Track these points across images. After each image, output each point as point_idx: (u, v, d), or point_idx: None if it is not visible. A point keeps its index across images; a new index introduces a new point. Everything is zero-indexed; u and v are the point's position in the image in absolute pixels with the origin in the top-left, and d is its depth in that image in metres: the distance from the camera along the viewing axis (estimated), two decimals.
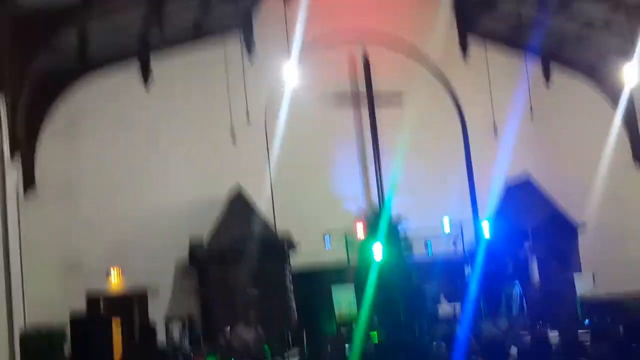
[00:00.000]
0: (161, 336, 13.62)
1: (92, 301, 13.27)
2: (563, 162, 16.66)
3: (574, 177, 16.43)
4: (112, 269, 13.72)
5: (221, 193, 14.42)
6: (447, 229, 14.81)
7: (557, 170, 16.40)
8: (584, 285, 12.59)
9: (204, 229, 13.99)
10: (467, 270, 13.30)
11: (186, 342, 11.77)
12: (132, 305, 14.54)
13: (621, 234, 16.06)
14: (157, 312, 13.88)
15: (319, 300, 12.53)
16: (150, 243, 13.98)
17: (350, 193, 15.91)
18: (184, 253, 14.07)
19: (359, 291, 12.40)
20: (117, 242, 13.91)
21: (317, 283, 13.05)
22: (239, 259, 13.22)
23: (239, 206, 13.92)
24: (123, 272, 13.77)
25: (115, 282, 13.65)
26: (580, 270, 14.05)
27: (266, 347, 10.60)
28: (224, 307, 12.96)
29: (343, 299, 11.64)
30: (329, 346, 10.45)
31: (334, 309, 11.68)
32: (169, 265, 14.15)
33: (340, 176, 15.87)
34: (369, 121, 16.22)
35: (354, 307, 11.35)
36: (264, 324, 12.06)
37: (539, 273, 13.83)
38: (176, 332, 13.71)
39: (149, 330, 13.42)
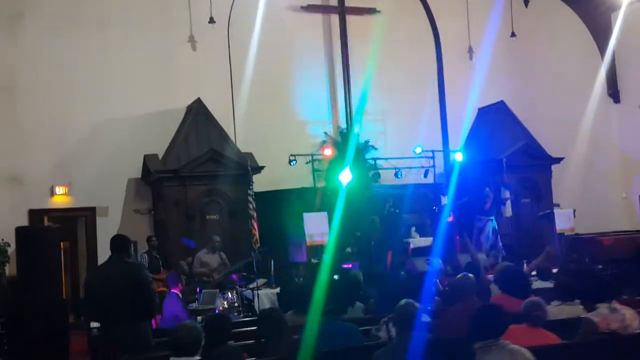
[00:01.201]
0: None
1: (35, 219, 12.03)
2: (539, 92, 16.00)
3: (548, 109, 15.85)
4: (56, 187, 12.44)
5: (179, 106, 13.23)
6: (418, 156, 13.99)
7: (531, 100, 15.74)
8: (563, 222, 12.06)
9: (160, 144, 12.83)
10: (440, 202, 12.55)
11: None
12: (77, 224, 13.43)
13: (593, 171, 15.67)
14: (106, 234, 12.73)
15: (287, 227, 11.60)
16: (99, 159, 12.74)
17: (317, 116, 14.87)
18: (137, 170, 12.89)
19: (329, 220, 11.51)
20: (63, 156, 12.61)
21: (283, 209, 12.09)
22: (197, 177, 12.15)
23: (199, 121, 12.72)
24: (69, 190, 12.52)
25: (60, 199, 12.40)
26: (553, 207, 13.56)
27: (232, 275, 9.69)
28: (182, 230, 11.95)
29: (314, 227, 10.74)
30: (297, 277, 9.61)
31: (304, 237, 10.77)
32: (120, 183, 12.96)
33: (307, 97, 14.76)
34: (339, 41, 15.04)
35: (326, 236, 10.47)
36: (227, 251, 11.19)
37: (513, 207, 13.24)
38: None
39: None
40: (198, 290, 9.21)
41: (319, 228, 10.74)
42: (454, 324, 5.01)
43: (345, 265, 9.99)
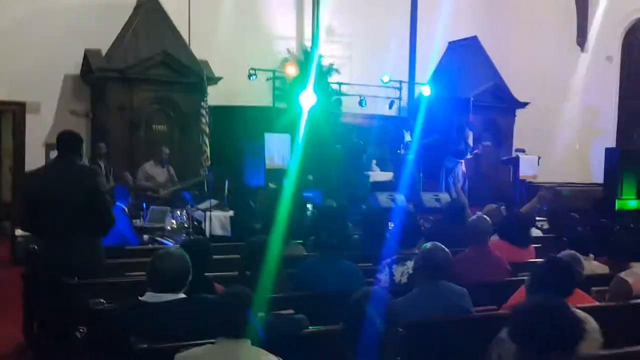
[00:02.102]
0: (39, 164, 11.33)
1: None
2: (510, 31, 15.29)
3: (517, 51, 15.21)
4: None
5: None
6: (385, 86, 13.14)
7: (502, 39, 15.03)
8: (527, 169, 11.58)
9: (104, 40, 11.42)
10: (404, 137, 11.80)
11: None
12: (2, 120, 11.99)
13: (555, 119, 15.26)
14: (36, 136, 11.42)
15: (243, 147, 10.61)
16: (33, 49, 11.19)
17: (280, 31, 13.68)
18: (76, 67, 11.49)
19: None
20: None
21: (239, 127, 11.07)
22: (146, 81, 10.91)
23: (151, 17, 11.34)
24: None
25: None
26: (515, 151, 13.07)
27: (184, 194, 8.70)
28: (124, 139, 10.78)
29: (276, 149, 9.80)
30: (252, 201, 8.73)
31: (264, 159, 9.83)
32: (55, 78, 11.53)
33: (272, 8, 13.53)
34: None
35: (287, 160, 9.58)
36: (174, 166, 10.15)
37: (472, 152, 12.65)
38: None
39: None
40: (144, 206, 8.20)
41: (280, 151, 9.81)
42: (471, 272, 4.31)
43: (306, 193, 9.16)
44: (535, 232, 6.80)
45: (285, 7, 13.76)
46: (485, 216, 4.89)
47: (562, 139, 15.03)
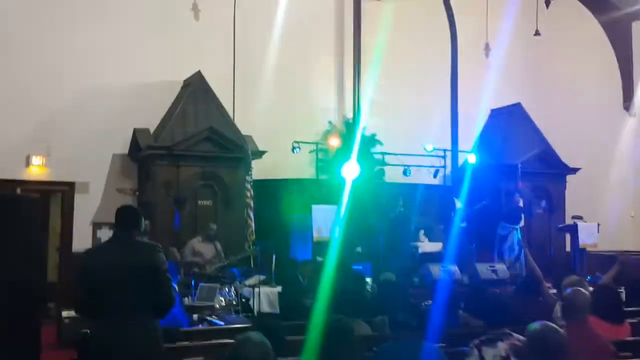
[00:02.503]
0: (86, 243, 11.39)
1: (6, 191, 10.73)
2: (554, 97, 15.12)
3: (563, 116, 14.99)
4: (33, 156, 11.16)
5: (175, 78, 12.04)
6: (428, 154, 13.01)
7: (546, 105, 14.85)
8: (586, 237, 11.15)
9: (152, 119, 11.64)
10: (454, 204, 11.55)
11: None
12: (51, 200, 12.14)
13: (605, 185, 14.83)
14: (84, 214, 11.54)
15: (289, 220, 10.49)
16: (83, 129, 11.45)
17: (322, 103, 13.78)
18: (124, 146, 11.68)
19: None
20: (42, 124, 11.29)
21: (283, 200, 10.99)
22: (192, 158, 10.99)
23: (198, 96, 11.55)
24: (47, 161, 11.24)
25: (36, 170, 11.13)
26: (573, 219, 12.64)
27: (233, 270, 8.56)
28: (170, 216, 10.78)
29: (323, 221, 9.65)
30: (300, 275, 8.51)
31: (311, 231, 9.68)
32: (104, 158, 11.70)
33: (314, 82, 13.67)
34: (352, 25, 13.96)
35: (334, 232, 9.40)
36: (222, 240, 10.07)
37: (525, 217, 12.30)
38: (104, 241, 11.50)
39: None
40: (192, 283, 8.06)
41: (327, 223, 9.65)
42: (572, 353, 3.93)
43: (355, 267, 8.93)
44: None
45: (325, 79, 13.90)
46: (581, 289, 4.49)
47: (615, 206, 14.56)
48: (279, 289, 8.61)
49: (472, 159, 13.00)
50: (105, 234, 11.61)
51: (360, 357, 3.41)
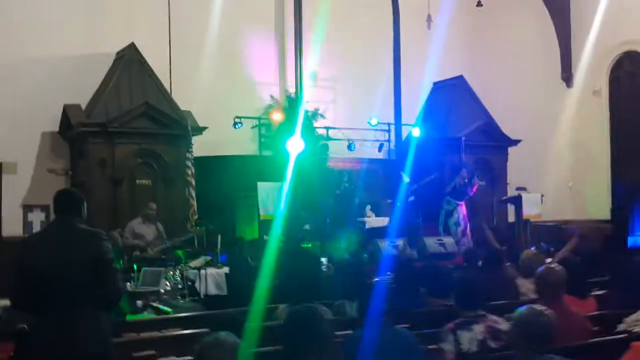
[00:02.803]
0: (16, 228, 10.74)
1: None
2: (495, 69, 15.15)
3: (503, 88, 15.04)
4: None
5: (106, 51, 11.37)
6: (373, 129, 12.83)
7: (488, 77, 14.87)
8: (530, 207, 11.21)
9: (83, 95, 10.98)
10: (402, 179, 11.39)
11: None
12: None
13: (544, 156, 14.99)
14: (13, 196, 10.83)
15: (234, 199, 10.11)
16: (8, 106, 10.69)
17: (262, 78, 13.34)
18: (54, 124, 10.98)
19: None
20: None
21: (227, 178, 10.59)
22: (128, 135, 10.43)
23: (131, 68, 10.94)
24: None
25: None
26: (508, 191, 12.75)
27: (179, 252, 8.14)
28: (106, 196, 10.23)
29: (269, 199, 9.32)
30: (248, 255, 8.20)
31: (257, 210, 9.33)
32: (32, 136, 11.00)
33: (254, 55, 13.20)
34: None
35: (280, 209, 9.08)
36: (162, 221, 9.62)
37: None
38: (37, 224, 10.88)
39: None
40: (134, 267, 7.61)
41: (275, 200, 9.32)
42: None
43: (305, 245, 8.67)
44: None
45: (266, 52, 13.45)
46: (555, 265, 4.30)
47: (554, 177, 14.76)
48: (225, 270, 8.27)
49: (416, 132, 12.89)
50: (37, 217, 10.99)
51: (332, 347, 3.08)
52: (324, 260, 6.68)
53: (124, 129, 10.33)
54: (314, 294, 4.19)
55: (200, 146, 11.21)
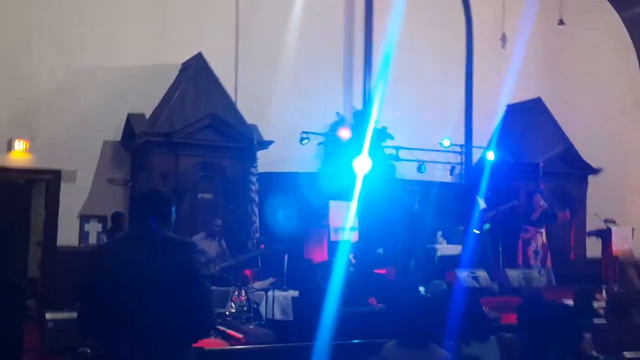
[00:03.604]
0: (72, 237, 10.38)
1: None
2: (573, 93, 14.26)
3: (583, 113, 14.15)
4: (16, 140, 10.08)
5: (172, 61, 11.03)
6: (445, 150, 12.12)
7: (566, 101, 13.98)
8: (619, 242, 10.28)
9: (147, 105, 10.63)
10: (478, 204, 10.64)
11: None
12: (34, 190, 11.08)
13: (627, 186, 13.99)
14: (70, 206, 10.48)
15: (303, 216, 9.52)
16: (72, 114, 10.41)
17: (329, 93, 12.80)
18: (117, 133, 10.64)
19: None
20: (27, 106, 10.21)
21: (291, 195, 10.03)
22: (193, 146, 9.99)
23: (198, 80, 10.53)
24: (31, 146, 10.17)
25: (19, 156, 10.05)
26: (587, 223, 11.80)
27: (245, 271, 7.57)
28: None
29: (341, 219, 8.69)
30: (319, 276, 7.55)
31: (328, 230, 8.72)
32: (94, 145, 10.64)
33: (321, 70, 12.69)
34: (362, 12, 12.99)
35: (352, 230, 8.44)
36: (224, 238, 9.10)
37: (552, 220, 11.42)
38: (93, 235, 10.51)
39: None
40: None
41: (346, 221, 8.68)
42: None
43: (378, 271, 7.99)
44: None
45: (334, 67, 12.93)
46: None
47: (635, 207, 13.74)
48: (292, 293, 7.64)
49: (490, 156, 12.15)
50: (93, 228, 10.63)
51: None
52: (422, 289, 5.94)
53: (189, 140, 9.90)
54: (432, 333, 3.52)
55: (263, 162, 10.71)
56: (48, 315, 7.46)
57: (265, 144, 10.49)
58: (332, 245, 8.60)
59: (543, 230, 10.64)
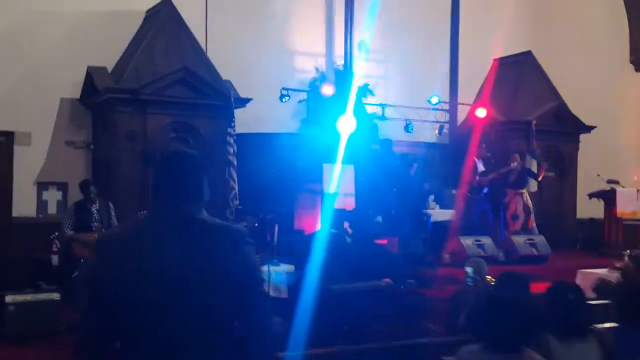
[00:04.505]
0: (29, 207, 9.30)
1: None
2: (562, 46, 13.51)
3: (570, 69, 13.44)
4: None
5: (135, 7, 9.87)
6: (434, 108, 11.33)
7: (555, 55, 13.24)
8: (624, 204, 9.71)
9: (109, 57, 9.49)
10: (477, 167, 9.92)
11: (68, 223, 7.25)
12: None
13: (612, 146, 13.42)
14: (26, 171, 9.35)
15: (285, 183, 8.63)
16: (22, 70, 9.22)
17: (308, 47, 11.80)
18: (75, 89, 9.49)
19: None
20: None
21: (272, 158, 9.13)
22: (164, 105, 8.95)
23: (168, 29, 9.42)
24: None
25: None
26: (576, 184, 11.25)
27: None
28: (134, 174, 8.76)
29: (334, 183, 7.83)
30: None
31: (322, 196, 7.85)
32: (49, 103, 9.49)
33: (299, 22, 11.66)
34: None
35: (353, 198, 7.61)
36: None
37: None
38: (53, 204, 9.45)
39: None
40: None
41: (343, 187, 7.82)
42: None
43: (380, 241, 7.21)
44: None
45: (312, 21, 11.91)
46: None
47: (620, 167, 13.21)
48: (285, 267, 6.81)
49: (481, 113, 11.40)
50: (53, 196, 9.57)
51: None
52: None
53: (158, 97, 8.84)
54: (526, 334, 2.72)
55: (238, 122, 9.73)
56: (8, 298, 6.51)
57: (242, 102, 9.51)
58: (325, 213, 7.75)
59: (524, 191, 9.98)
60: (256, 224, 7.17)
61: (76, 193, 9.52)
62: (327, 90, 10.70)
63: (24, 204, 9.32)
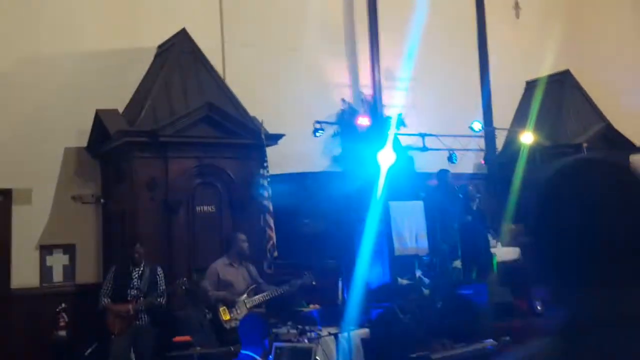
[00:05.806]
0: (30, 275, 8.01)
1: None
2: (599, 63, 12.58)
3: (611, 87, 12.50)
4: None
5: (145, 45, 8.79)
6: (476, 136, 10.31)
7: (593, 73, 12.31)
8: None
9: (118, 99, 8.34)
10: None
11: (106, 290, 6.05)
12: None
13: None
14: (26, 234, 8.08)
15: (337, 227, 7.43)
16: (21, 116, 8.05)
17: (332, 77, 10.75)
18: (80, 136, 8.31)
19: None
20: None
21: (309, 199, 7.97)
22: (187, 147, 7.79)
23: (184, 63, 8.32)
24: None
25: None
26: None
27: (304, 306, 5.45)
28: (157, 229, 7.53)
29: (405, 226, 6.65)
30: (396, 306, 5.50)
31: (390, 240, 6.67)
32: (52, 155, 8.28)
33: (322, 51, 10.63)
34: None
35: (424, 240, 6.43)
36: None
37: None
38: (58, 271, 8.19)
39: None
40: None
41: (411, 229, 6.63)
42: None
43: (465, 291, 6.00)
44: None
45: (336, 47, 10.89)
46: None
47: None
48: (359, 332, 5.57)
49: (527, 138, 10.38)
50: (58, 261, 8.26)
51: None
52: None
53: (180, 138, 7.67)
54: None
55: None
56: None
57: (274, 138, 8.36)
58: (395, 260, 6.51)
59: None
60: (313, 282, 5.93)
61: (86, 256, 8.33)
62: (363, 121, 9.62)
63: (25, 272, 8.05)
